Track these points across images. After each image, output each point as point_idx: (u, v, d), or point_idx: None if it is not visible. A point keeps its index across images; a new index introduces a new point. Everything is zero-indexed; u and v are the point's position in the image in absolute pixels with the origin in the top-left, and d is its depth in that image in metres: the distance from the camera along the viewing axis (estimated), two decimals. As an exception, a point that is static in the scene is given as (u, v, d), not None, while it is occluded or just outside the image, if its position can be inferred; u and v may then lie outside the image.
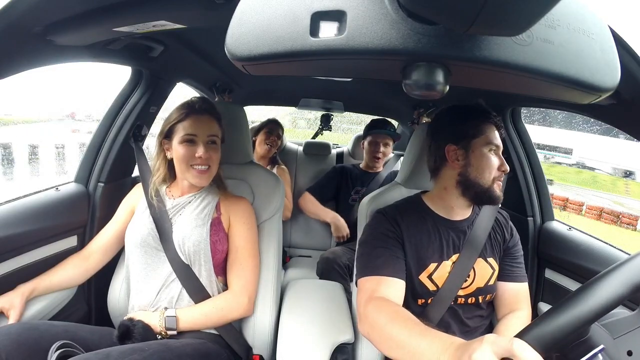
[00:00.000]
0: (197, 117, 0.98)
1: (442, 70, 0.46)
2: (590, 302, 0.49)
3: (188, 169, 0.99)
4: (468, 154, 0.90)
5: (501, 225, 1.00)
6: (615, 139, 17.46)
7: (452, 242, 0.92)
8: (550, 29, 0.45)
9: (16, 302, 0.88)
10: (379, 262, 0.85)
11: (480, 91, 1.31)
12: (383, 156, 1.95)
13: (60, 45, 0.79)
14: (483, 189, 0.88)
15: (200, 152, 0.96)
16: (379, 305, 0.75)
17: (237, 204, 1.07)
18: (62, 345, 0.75)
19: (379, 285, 0.81)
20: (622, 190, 24.95)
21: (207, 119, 0.99)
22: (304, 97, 2.33)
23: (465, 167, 0.90)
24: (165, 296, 0.96)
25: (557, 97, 0.56)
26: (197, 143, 0.97)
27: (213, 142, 1.01)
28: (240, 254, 1.02)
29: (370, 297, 0.79)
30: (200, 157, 0.96)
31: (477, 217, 0.96)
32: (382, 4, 0.42)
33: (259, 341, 1.05)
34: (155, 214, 1.00)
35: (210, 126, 1.00)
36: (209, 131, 0.99)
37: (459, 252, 0.91)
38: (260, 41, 0.44)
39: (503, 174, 0.89)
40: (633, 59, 0.65)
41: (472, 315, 0.93)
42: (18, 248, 0.95)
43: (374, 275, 0.83)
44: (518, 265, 0.98)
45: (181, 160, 0.98)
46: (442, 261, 0.90)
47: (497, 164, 0.89)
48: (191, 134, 0.97)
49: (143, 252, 0.98)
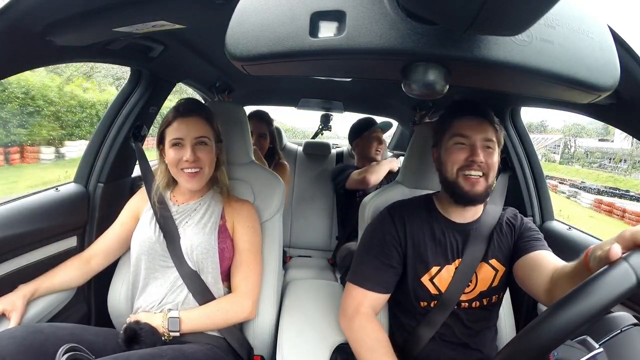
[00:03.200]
0: (182, 119, 0.97)
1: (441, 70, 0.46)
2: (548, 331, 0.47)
3: (179, 173, 0.98)
4: (440, 151, 0.90)
5: (510, 223, 0.95)
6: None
7: (457, 246, 0.90)
8: (550, 29, 0.45)
9: (17, 303, 0.88)
10: (370, 273, 0.90)
11: (480, 91, 1.31)
12: (381, 151, 1.93)
13: (60, 45, 0.79)
14: (449, 184, 0.87)
15: (187, 155, 0.95)
16: (364, 325, 0.86)
17: (241, 208, 1.07)
18: (69, 349, 0.74)
19: (365, 299, 0.89)
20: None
21: (193, 121, 0.97)
22: (303, 97, 2.33)
23: (439, 165, 0.91)
24: (171, 300, 0.96)
25: (556, 97, 0.56)
26: (184, 146, 0.96)
27: (202, 142, 0.98)
28: (245, 257, 1.02)
29: (358, 309, 0.88)
30: (187, 160, 0.95)
31: (481, 219, 0.93)
32: (381, 4, 0.42)
33: (259, 341, 1.05)
34: (161, 221, 1.00)
35: (197, 127, 0.97)
36: (196, 132, 0.97)
37: (461, 258, 0.89)
38: (260, 41, 0.44)
39: (473, 165, 0.84)
40: (633, 58, 0.65)
41: (477, 319, 0.91)
42: (18, 248, 0.95)
43: (361, 287, 0.89)
44: (536, 239, 0.90)
45: (172, 164, 0.98)
46: (445, 265, 0.89)
47: (463, 155, 0.85)
48: (177, 138, 0.96)
49: (150, 259, 0.98)
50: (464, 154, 0.85)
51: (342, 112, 2.56)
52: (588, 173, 24.21)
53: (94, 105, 10.43)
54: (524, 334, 0.49)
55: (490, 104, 1.29)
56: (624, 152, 24.89)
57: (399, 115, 2.47)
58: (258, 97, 2.36)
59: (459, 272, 0.88)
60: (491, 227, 0.92)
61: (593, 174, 23.79)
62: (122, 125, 1.24)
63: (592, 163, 27.30)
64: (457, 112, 0.90)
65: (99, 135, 1.24)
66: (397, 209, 0.95)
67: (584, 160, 27.90)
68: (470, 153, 0.84)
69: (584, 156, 28.24)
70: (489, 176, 0.86)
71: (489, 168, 0.85)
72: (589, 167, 26.41)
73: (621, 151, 25.17)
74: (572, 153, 29.06)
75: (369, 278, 0.89)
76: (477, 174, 0.84)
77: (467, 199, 0.86)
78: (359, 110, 2.58)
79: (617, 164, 25.52)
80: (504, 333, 1.04)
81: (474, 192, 0.84)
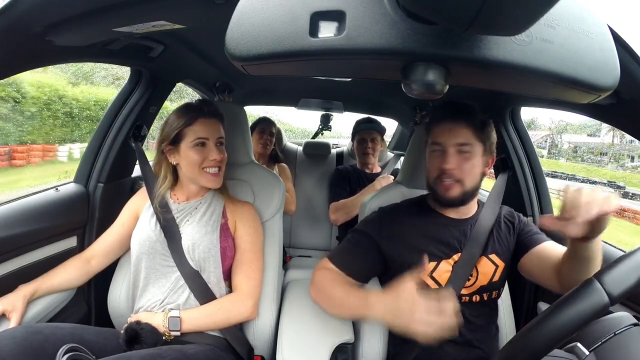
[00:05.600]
0: (205, 120, 0.98)
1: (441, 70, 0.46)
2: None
3: (201, 173, 0.98)
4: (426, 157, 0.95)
5: (508, 221, 0.98)
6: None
7: (454, 241, 0.92)
8: (550, 29, 0.45)
9: (18, 304, 0.87)
10: (343, 254, 0.95)
11: (480, 91, 1.31)
12: (372, 151, 1.91)
13: (59, 46, 0.79)
14: (430, 187, 0.93)
15: (214, 155, 0.98)
16: (325, 272, 0.91)
17: (242, 208, 1.07)
18: (70, 349, 0.74)
19: (332, 271, 0.92)
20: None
21: (214, 122, 1.00)
22: (303, 97, 2.33)
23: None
24: (173, 301, 0.96)
25: (556, 97, 0.56)
26: (208, 146, 0.98)
27: (221, 143, 1.02)
28: (247, 257, 1.02)
29: (322, 267, 0.93)
30: (214, 159, 0.98)
31: (480, 214, 0.96)
32: (381, 4, 0.42)
33: (259, 342, 1.05)
34: (162, 220, 1.00)
35: (218, 129, 1.01)
36: (218, 133, 1.00)
37: (460, 252, 0.91)
38: (260, 41, 0.44)
39: (445, 172, 0.86)
40: (633, 58, 0.65)
41: (478, 314, 0.92)
42: (18, 249, 0.95)
43: (332, 263, 0.93)
44: (538, 233, 0.93)
45: (194, 164, 0.98)
46: (442, 259, 0.90)
47: (437, 163, 0.88)
48: (203, 137, 0.97)
49: (151, 258, 0.98)
50: (438, 161, 0.88)
51: (342, 112, 2.56)
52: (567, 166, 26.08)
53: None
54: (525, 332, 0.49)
55: (490, 103, 1.30)
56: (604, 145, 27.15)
57: (399, 115, 2.47)
58: (258, 97, 2.36)
59: (458, 265, 0.89)
60: (490, 222, 0.94)
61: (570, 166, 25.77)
62: (122, 125, 1.24)
63: (577, 157, 28.96)
64: (434, 118, 0.93)
65: (98, 135, 1.24)
66: (388, 212, 0.99)
67: (569, 155, 29.76)
68: (442, 161, 0.87)
69: (568, 151, 30.24)
70: (464, 181, 0.87)
71: (463, 174, 0.87)
72: (572, 161, 28.32)
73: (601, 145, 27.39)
74: (559, 148, 31.02)
75: (342, 258, 0.94)
76: (449, 180, 0.87)
77: (443, 203, 0.91)
78: (359, 110, 2.58)
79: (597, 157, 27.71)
80: (504, 332, 1.04)
81: (448, 196, 0.88)
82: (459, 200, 0.89)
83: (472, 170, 0.88)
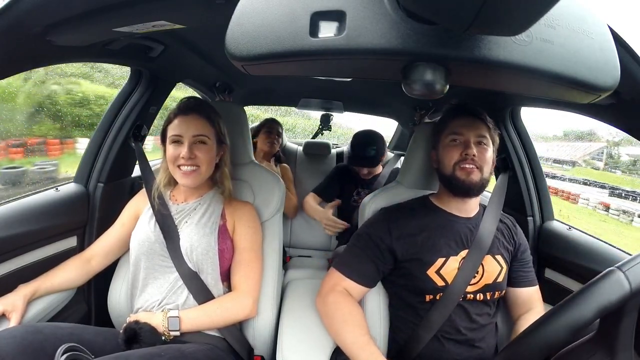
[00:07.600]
0: (182, 117, 0.98)
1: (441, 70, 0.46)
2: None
3: (175, 170, 0.98)
4: (438, 152, 0.98)
5: (509, 228, 1.02)
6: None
7: (461, 238, 0.94)
8: (550, 29, 0.45)
9: (18, 304, 0.87)
10: (351, 261, 0.96)
11: (480, 91, 1.31)
12: (369, 174, 1.91)
13: (60, 46, 0.79)
14: (447, 177, 0.94)
15: (183, 152, 0.95)
16: (339, 300, 0.91)
17: (242, 209, 1.07)
18: (68, 348, 0.74)
19: (342, 282, 0.94)
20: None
21: (193, 119, 0.98)
22: (303, 97, 2.33)
23: (439, 163, 0.97)
24: (172, 301, 0.96)
25: (557, 97, 0.56)
26: (182, 143, 0.97)
27: (202, 141, 0.98)
28: (246, 256, 1.02)
29: (333, 288, 0.93)
30: (183, 157, 0.95)
31: (483, 216, 0.98)
32: (381, 4, 0.42)
33: (259, 342, 1.05)
34: (161, 221, 1.00)
35: (196, 125, 0.98)
36: (195, 131, 0.97)
37: (467, 248, 0.93)
38: (260, 41, 0.44)
39: (467, 158, 0.90)
40: (633, 58, 0.65)
41: (481, 313, 0.93)
42: (18, 248, 0.95)
43: (341, 273, 0.95)
44: (529, 270, 1.00)
45: (169, 160, 0.99)
46: (450, 256, 0.91)
47: (458, 151, 0.92)
48: (176, 135, 0.97)
49: (150, 259, 0.98)
50: (459, 149, 0.92)
51: (342, 112, 2.56)
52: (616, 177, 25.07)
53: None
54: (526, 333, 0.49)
55: (490, 103, 1.30)
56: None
57: (399, 115, 2.47)
58: (258, 97, 2.36)
59: (466, 262, 0.91)
60: (495, 222, 0.97)
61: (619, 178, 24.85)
62: (122, 125, 1.24)
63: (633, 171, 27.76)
64: (453, 113, 0.98)
65: (99, 135, 1.23)
66: (393, 211, 1.00)
67: (625, 168, 28.72)
68: (464, 148, 0.91)
69: (627, 163, 29.11)
70: (483, 169, 0.92)
71: (482, 162, 0.91)
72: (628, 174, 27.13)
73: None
74: (615, 160, 29.95)
75: (350, 266, 0.95)
76: (470, 165, 0.91)
77: (464, 188, 0.92)
78: (359, 110, 2.58)
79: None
80: (503, 332, 1.04)
81: (470, 180, 0.90)
82: (477, 187, 0.92)
83: (488, 161, 0.92)
